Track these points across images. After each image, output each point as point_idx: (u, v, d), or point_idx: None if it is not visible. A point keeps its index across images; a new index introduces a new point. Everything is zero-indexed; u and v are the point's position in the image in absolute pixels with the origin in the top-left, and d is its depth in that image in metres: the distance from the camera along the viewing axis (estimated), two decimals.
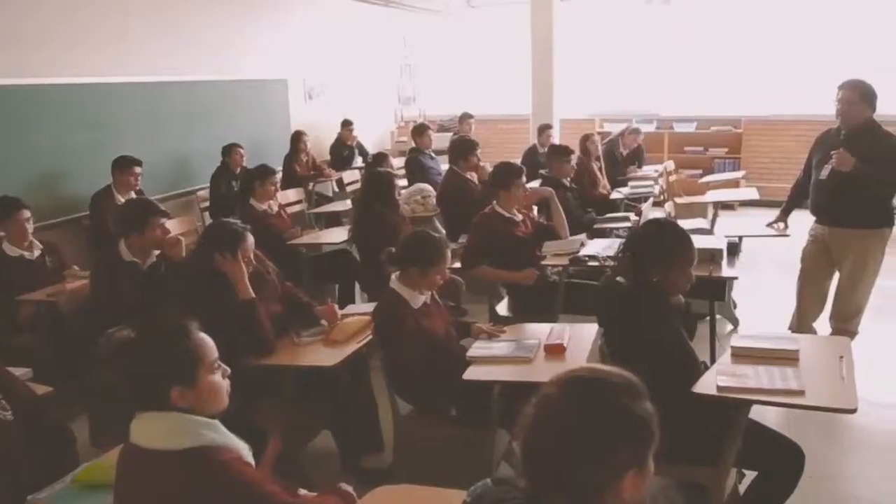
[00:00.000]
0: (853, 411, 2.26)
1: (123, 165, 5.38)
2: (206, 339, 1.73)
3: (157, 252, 3.70)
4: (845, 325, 4.00)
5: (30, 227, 4.25)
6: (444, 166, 6.41)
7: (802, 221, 4.27)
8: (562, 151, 5.51)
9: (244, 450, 1.72)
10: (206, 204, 6.69)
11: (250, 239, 3.11)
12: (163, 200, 5.53)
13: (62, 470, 2.12)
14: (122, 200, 5.19)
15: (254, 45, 7.73)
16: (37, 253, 4.28)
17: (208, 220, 6.37)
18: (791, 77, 9.07)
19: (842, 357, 2.55)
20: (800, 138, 7.97)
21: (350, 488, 1.93)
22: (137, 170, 5.41)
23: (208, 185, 6.67)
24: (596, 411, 1.20)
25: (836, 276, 4.08)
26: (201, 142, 6.90)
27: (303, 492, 1.92)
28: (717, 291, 3.98)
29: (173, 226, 4.68)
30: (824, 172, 3.85)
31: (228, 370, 1.77)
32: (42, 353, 3.69)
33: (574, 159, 5.61)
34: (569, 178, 5.56)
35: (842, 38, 8.72)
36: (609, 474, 1.18)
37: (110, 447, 2.09)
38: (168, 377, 1.64)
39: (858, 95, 3.78)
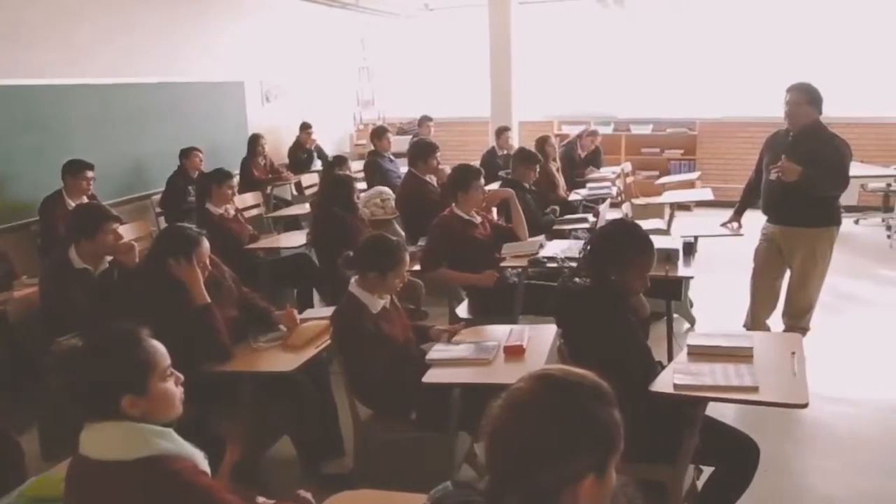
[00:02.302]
0: (805, 406, 2.31)
1: (75, 169, 5.23)
2: (158, 346, 1.69)
3: (109, 258, 3.62)
4: (797, 321, 4.10)
5: None
6: (404, 169, 6.39)
7: (755, 221, 4.36)
8: (529, 158, 5.45)
9: (199, 457, 1.68)
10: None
11: (205, 244, 3.07)
12: (116, 205, 5.41)
13: (10, 483, 2.06)
14: (74, 205, 5.05)
15: (209, 47, 7.61)
16: None
17: (163, 225, 6.25)
18: (742, 80, 9.28)
19: (794, 353, 2.61)
20: (751, 139, 8.14)
21: (309, 495, 1.92)
22: (90, 174, 5.27)
23: (163, 189, 6.55)
24: (562, 411, 1.19)
25: (788, 274, 4.18)
26: (156, 145, 6.77)
27: (261, 499, 1.90)
28: (674, 291, 4.04)
29: (127, 231, 4.57)
30: (774, 174, 3.94)
31: (181, 377, 1.73)
32: None
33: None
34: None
35: (790, 43, 8.97)
36: (567, 476, 1.17)
37: (62, 459, 2.03)
38: (118, 385, 1.59)
39: (805, 98, 3.89)
